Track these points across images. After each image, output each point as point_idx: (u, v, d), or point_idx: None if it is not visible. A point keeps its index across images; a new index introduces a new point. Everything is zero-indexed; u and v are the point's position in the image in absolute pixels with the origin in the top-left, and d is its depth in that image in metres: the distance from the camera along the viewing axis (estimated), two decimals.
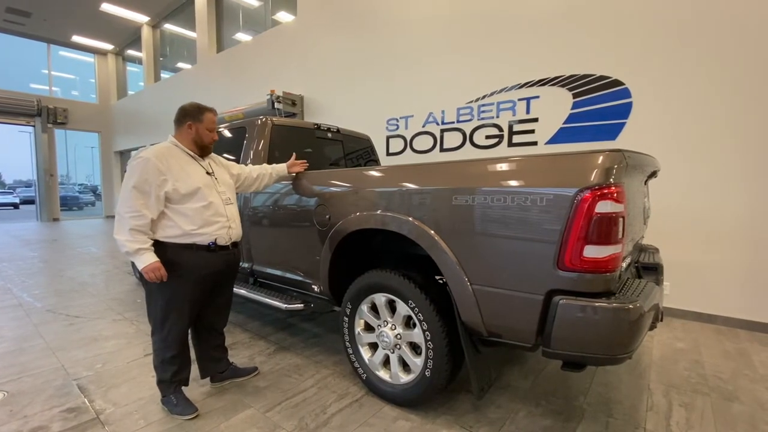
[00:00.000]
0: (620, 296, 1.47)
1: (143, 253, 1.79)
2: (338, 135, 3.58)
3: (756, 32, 3.14)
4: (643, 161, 1.85)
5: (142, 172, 1.80)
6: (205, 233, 1.93)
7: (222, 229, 1.99)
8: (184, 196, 1.87)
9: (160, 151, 1.89)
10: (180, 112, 2.01)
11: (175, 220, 1.88)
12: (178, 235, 1.88)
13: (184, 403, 2.00)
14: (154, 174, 1.81)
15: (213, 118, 2.05)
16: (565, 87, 4.05)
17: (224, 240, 2.01)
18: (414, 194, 1.88)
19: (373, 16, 5.70)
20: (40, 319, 3.40)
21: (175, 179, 1.86)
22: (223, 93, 8.63)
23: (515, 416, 2.00)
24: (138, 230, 1.79)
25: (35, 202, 13.14)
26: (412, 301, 1.91)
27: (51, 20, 11.14)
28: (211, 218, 1.94)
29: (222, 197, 2.04)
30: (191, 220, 1.89)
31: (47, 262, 5.96)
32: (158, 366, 2.01)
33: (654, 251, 2.67)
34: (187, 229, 1.89)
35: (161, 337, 1.97)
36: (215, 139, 2.08)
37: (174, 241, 1.89)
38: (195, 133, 2.00)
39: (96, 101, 14.01)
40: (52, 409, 2.03)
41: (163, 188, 1.83)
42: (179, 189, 1.86)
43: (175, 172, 1.87)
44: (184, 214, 1.88)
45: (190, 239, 1.90)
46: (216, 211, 1.97)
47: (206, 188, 1.95)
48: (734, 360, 2.71)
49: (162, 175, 1.83)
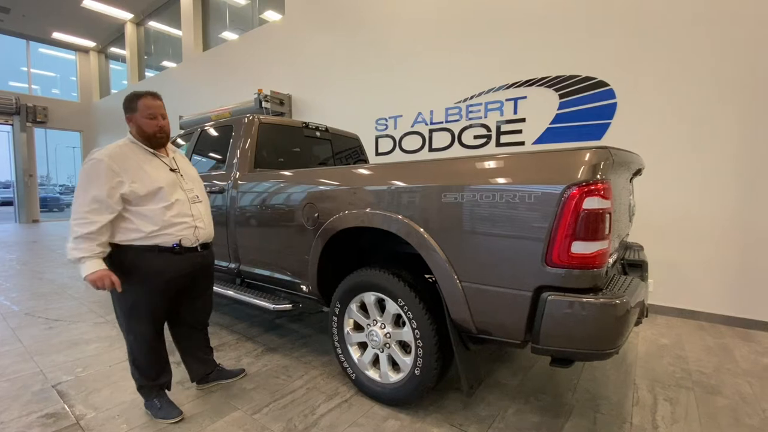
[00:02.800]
0: (607, 292, 1.48)
1: (85, 262, 1.66)
2: (327, 134, 3.55)
3: (738, 33, 3.23)
4: (628, 159, 1.87)
5: (93, 175, 1.68)
6: (168, 234, 1.80)
7: (187, 230, 1.86)
8: (142, 197, 1.75)
9: (115, 151, 1.75)
10: (123, 107, 1.87)
11: (135, 221, 1.75)
12: (138, 238, 1.76)
13: (167, 407, 1.95)
14: (107, 176, 1.68)
15: (149, 102, 1.83)
16: (552, 88, 4.10)
17: (190, 241, 1.88)
18: (403, 192, 1.88)
19: (362, 16, 5.69)
20: (17, 323, 3.29)
21: (132, 180, 1.73)
22: (209, 92, 8.51)
23: (505, 413, 2.01)
24: (83, 238, 1.65)
25: (14, 203, 12.76)
26: (401, 300, 1.90)
27: (30, 16, 10.83)
28: (173, 219, 1.81)
29: (188, 195, 1.91)
30: (152, 221, 1.77)
31: (26, 265, 5.79)
32: (134, 373, 1.95)
33: (639, 249, 2.72)
34: (148, 230, 1.76)
35: (130, 344, 1.91)
36: (162, 126, 1.86)
37: (135, 244, 1.77)
38: (136, 126, 1.84)
39: (78, 100, 13.68)
40: (30, 415, 1.96)
41: (119, 190, 1.70)
42: (137, 190, 1.73)
43: (132, 173, 1.74)
44: (144, 215, 1.76)
45: (152, 241, 1.78)
46: (180, 211, 1.84)
47: (169, 187, 1.82)
48: (716, 355, 2.77)
49: (116, 176, 1.69)
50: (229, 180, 2.90)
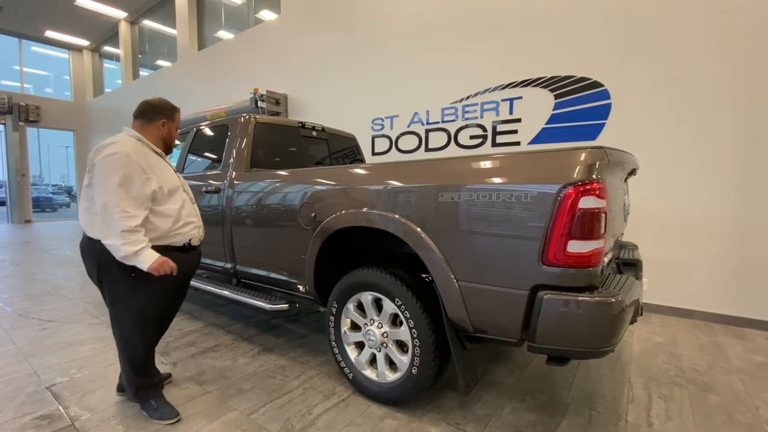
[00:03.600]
0: (603, 291, 1.50)
1: (143, 253, 1.66)
2: (323, 134, 3.55)
3: (733, 33, 3.26)
4: (623, 158, 1.89)
5: (125, 168, 1.65)
6: (181, 233, 1.87)
7: (195, 229, 1.96)
8: (166, 195, 1.79)
9: (135, 147, 1.74)
10: (149, 107, 1.87)
11: (153, 221, 1.77)
12: (155, 238, 1.77)
13: (164, 407, 1.94)
14: (137, 172, 1.68)
15: (180, 117, 2.02)
16: (547, 88, 4.12)
17: (196, 240, 1.99)
18: (400, 192, 1.88)
19: (359, 16, 5.69)
20: (11, 324, 3.26)
21: (157, 177, 1.76)
22: (204, 91, 8.47)
23: (501, 412, 2.02)
24: (131, 231, 1.65)
25: (6, 203, 12.62)
26: (398, 299, 1.91)
27: (23, 14, 10.71)
28: (187, 218, 1.90)
29: (189, 196, 2.00)
30: (170, 221, 1.81)
31: (19, 265, 5.73)
32: (131, 376, 1.91)
33: (633, 248, 2.74)
34: (166, 229, 1.80)
35: (135, 346, 1.88)
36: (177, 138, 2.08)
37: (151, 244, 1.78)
38: (167, 132, 1.91)
39: (71, 99, 13.55)
40: (24, 417, 1.94)
41: (150, 186, 1.72)
42: (164, 187, 1.77)
43: (155, 171, 1.77)
44: (164, 214, 1.79)
45: (167, 241, 1.82)
46: (190, 211, 1.93)
47: (180, 188, 1.91)
48: (710, 353, 2.80)
49: (144, 173, 1.71)
50: (226, 180, 2.89)
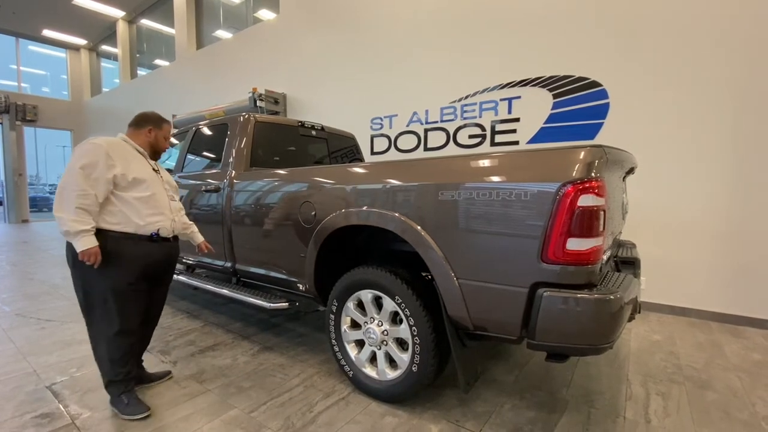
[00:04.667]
0: (601, 288, 1.51)
1: (84, 236, 1.74)
2: (322, 133, 3.55)
3: (731, 34, 3.28)
4: (621, 157, 1.90)
5: (92, 154, 1.80)
6: (148, 222, 1.94)
7: (166, 221, 2.01)
8: (130, 183, 1.89)
9: (112, 141, 1.92)
10: (141, 117, 2.09)
11: (119, 206, 1.88)
12: (120, 223, 1.88)
13: (135, 403, 1.94)
14: (103, 158, 1.81)
15: (170, 129, 2.17)
16: (546, 88, 4.14)
17: (167, 231, 2.03)
18: (400, 190, 1.89)
19: (357, 15, 5.69)
20: (9, 324, 3.25)
21: (122, 166, 1.88)
22: (203, 91, 8.45)
23: (501, 409, 2.03)
24: (84, 209, 1.75)
25: (3, 203, 12.56)
26: (398, 297, 1.91)
27: (21, 13, 10.67)
28: (154, 209, 1.97)
29: (167, 194, 2.08)
30: (135, 209, 1.90)
31: (16, 265, 5.71)
32: (106, 367, 1.93)
33: (631, 246, 2.76)
34: (131, 217, 1.89)
35: (109, 336, 1.90)
36: (167, 148, 2.23)
37: (116, 229, 1.87)
38: (153, 138, 2.08)
39: (68, 98, 13.50)
40: (24, 416, 1.94)
41: (112, 171, 1.83)
42: (127, 175, 1.87)
43: (123, 162, 1.89)
44: (128, 202, 1.89)
45: (133, 228, 1.90)
46: (159, 203, 2.00)
47: (151, 181, 1.98)
48: (707, 351, 2.82)
49: (110, 159, 1.84)
50: (225, 179, 2.90)
